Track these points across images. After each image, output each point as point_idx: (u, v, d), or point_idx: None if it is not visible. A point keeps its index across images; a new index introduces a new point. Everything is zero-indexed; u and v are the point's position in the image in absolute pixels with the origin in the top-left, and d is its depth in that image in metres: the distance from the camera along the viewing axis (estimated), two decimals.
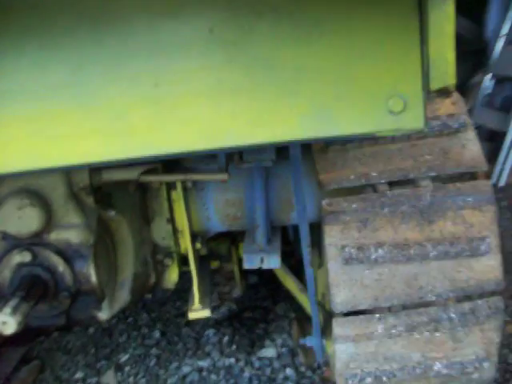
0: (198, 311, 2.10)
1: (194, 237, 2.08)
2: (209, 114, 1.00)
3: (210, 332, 3.01)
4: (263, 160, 1.88)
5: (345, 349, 1.87)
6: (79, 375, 2.86)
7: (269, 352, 2.82)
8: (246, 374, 2.71)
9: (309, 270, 1.97)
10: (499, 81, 5.31)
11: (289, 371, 2.67)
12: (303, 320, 2.83)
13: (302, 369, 2.69)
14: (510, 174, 4.93)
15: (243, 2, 0.95)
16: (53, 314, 1.74)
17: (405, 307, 1.83)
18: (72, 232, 1.68)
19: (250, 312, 3.14)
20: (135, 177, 1.76)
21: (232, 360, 2.80)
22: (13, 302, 1.52)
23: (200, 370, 2.77)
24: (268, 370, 2.71)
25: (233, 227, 2.17)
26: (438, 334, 1.83)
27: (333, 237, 1.82)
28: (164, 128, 1.00)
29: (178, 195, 1.99)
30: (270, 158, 1.89)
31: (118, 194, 1.87)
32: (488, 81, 5.32)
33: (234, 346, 2.89)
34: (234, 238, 2.62)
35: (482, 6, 4.81)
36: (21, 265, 1.67)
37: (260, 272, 2.97)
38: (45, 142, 1.02)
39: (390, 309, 1.83)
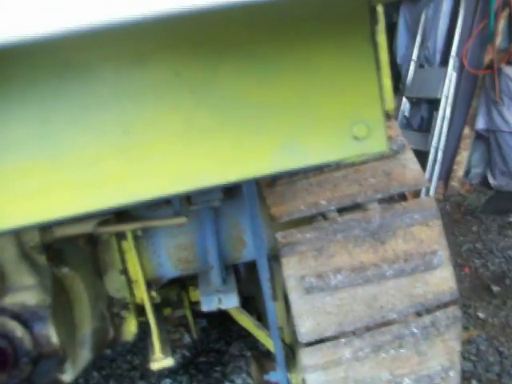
0: (161, 361, 2.06)
1: (149, 285, 2.05)
2: (180, 156, 1.00)
3: (167, 382, 2.94)
4: (211, 200, 1.88)
5: (315, 378, 1.87)
6: None
7: None
8: None
9: (270, 304, 1.97)
10: (414, 103, 5.59)
11: None
12: (260, 357, 2.82)
13: None
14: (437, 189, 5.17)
15: (207, 45, 0.96)
16: (14, 383, 1.66)
17: (368, 328, 1.86)
18: (27, 294, 1.62)
19: (205, 356, 3.10)
20: (89, 230, 1.73)
21: None
22: None
23: None
24: None
25: (186, 271, 2.16)
26: (402, 351, 1.87)
27: (291, 268, 1.84)
28: (136, 175, 1.00)
29: (128, 245, 1.96)
30: (217, 198, 1.89)
31: (68, 249, 1.82)
32: (404, 104, 5.59)
33: None
34: (183, 282, 2.59)
35: (390, 32, 5.07)
36: None
37: (208, 315, 2.95)
38: (14, 199, 0.98)
39: (354, 332, 1.86)
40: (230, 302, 2.07)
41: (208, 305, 2.06)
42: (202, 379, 2.93)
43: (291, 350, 2.27)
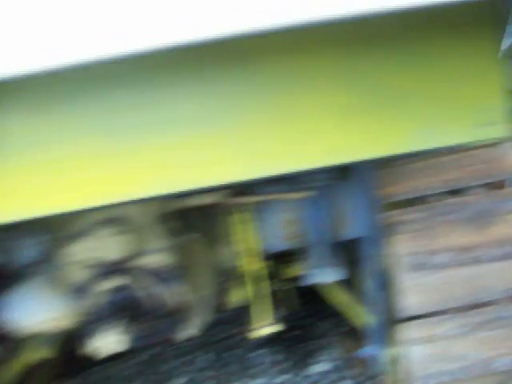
0: (260, 330, 2.20)
1: (257, 257, 2.19)
2: (333, 132, 1.16)
3: (261, 352, 3.10)
4: (324, 180, 2.00)
5: (416, 350, 1.98)
6: None
7: (321, 367, 2.91)
8: None
9: (371, 280, 2.08)
10: None
11: (345, 383, 2.75)
12: (348, 335, 2.94)
13: (358, 380, 2.76)
14: None
15: (363, 43, 1.12)
16: (144, 334, 1.84)
17: (469, 307, 1.95)
18: (159, 256, 1.80)
19: (296, 330, 3.22)
20: (218, 200, 1.89)
21: (284, 377, 2.88)
22: (115, 324, 1.62)
23: None
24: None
25: (292, 245, 2.29)
26: (502, 331, 1.95)
27: (399, 246, 1.95)
28: (294, 146, 1.15)
29: (243, 217, 2.11)
30: (330, 178, 2.01)
31: (193, 217, 1.99)
32: None
33: (286, 364, 2.98)
34: (283, 257, 2.72)
35: None
36: (112, 290, 1.78)
37: (299, 292, 3.09)
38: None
39: (455, 310, 1.95)
40: (333, 276, 2.18)
41: (314, 278, 2.19)
42: (293, 352, 3.07)
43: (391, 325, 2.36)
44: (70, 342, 3.19)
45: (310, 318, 3.31)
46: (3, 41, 0.93)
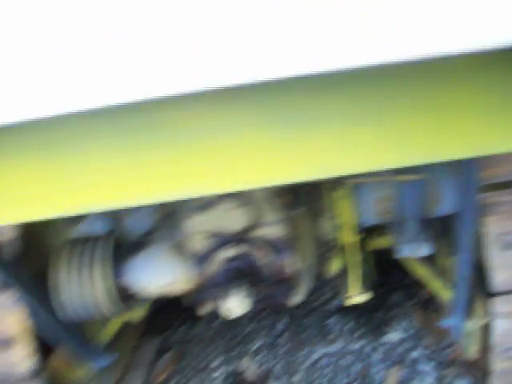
0: (356, 297, 2.32)
1: (353, 230, 2.30)
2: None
3: (332, 320, 3.22)
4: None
5: (504, 323, 2.09)
6: (217, 363, 3.09)
7: (394, 336, 3.02)
8: (377, 356, 2.91)
9: (465, 255, 2.17)
10: None
11: (416, 353, 2.87)
12: (424, 306, 3.04)
13: (431, 349, 2.87)
14: None
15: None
16: (260, 299, 1.98)
17: None
18: (274, 228, 1.91)
19: (373, 299, 3.32)
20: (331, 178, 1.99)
21: (359, 345, 3.01)
22: (235, 290, 1.75)
23: (331, 354, 2.98)
24: (396, 353, 2.91)
25: (384, 220, 2.39)
26: None
27: (491, 226, 2.04)
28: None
29: (344, 193, 2.22)
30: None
31: (302, 192, 2.11)
32: None
33: (359, 332, 3.10)
34: (375, 230, 2.81)
35: None
36: (229, 259, 1.91)
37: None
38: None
39: None
40: (425, 251, 2.28)
41: (404, 252, 2.29)
42: (366, 321, 3.18)
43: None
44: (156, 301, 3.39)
45: (387, 287, 3.41)
46: None
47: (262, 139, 1.25)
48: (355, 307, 3.20)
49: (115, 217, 2.46)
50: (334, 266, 2.29)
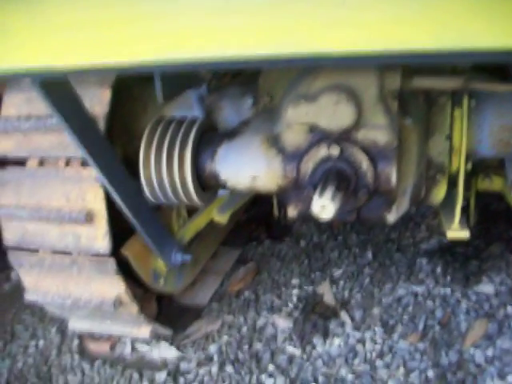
0: (457, 231, 2.12)
1: (463, 158, 2.08)
2: None
3: (423, 261, 3.05)
4: None
5: None
6: (295, 282, 3.01)
7: (486, 288, 2.81)
8: (463, 305, 2.73)
9: None
10: None
11: (510, 309, 2.66)
12: None
13: None
14: None
15: None
16: (346, 209, 1.83)
17: None
18: (379, 132, 1.74)
19: (462, 248, 3.13)
20: (456, 86, 1.78)
21: (448, 290, 2.82)
22: (330, 190, 1.60)
23: (415, 294, 2.82)
24: (486, 305, 2.71)
25: (502, 153, 2.16)
26: None
27: None
28: None
29: (461, 113, 2.00)
30: None
31: (412, 103, 1.90)
32: None
33: (449, 278, 2.91)
34: (473, 168, 2.59)
35: None
36: (326, 158, 1.76)
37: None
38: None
39: None
40: None
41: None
42: (458, 268, 2.98)
43: None
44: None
45: (487, 238, 3.19)
46: None
47: None
48: (450, 251, 3.02)
49: (213, 106, 2.37)
50: (439, 193, 2.10)
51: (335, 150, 1.73)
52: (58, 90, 1.72)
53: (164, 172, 1.92)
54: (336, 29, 1.08)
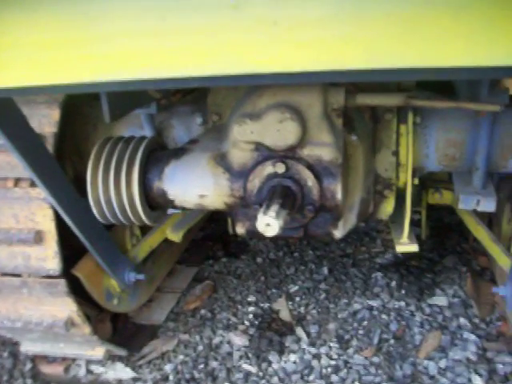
0: (406, 245, 2.15)
1: (410, 174, 2.12)
2: None
3: (378, 275, 3.08)
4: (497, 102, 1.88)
5: None
6: (251, 299, 3.01)
7: (439, 300, 2.86)
8: (417, 318, 2.76)
9: None
10: None
11: (462, 320, 2.70)
12: (475, 274, 2.85)
13: (476, 320, 2.70)
14: None
15: None
16: (293, 226, 1.84)
17: None
18: (324, 150, 1.76)
19: (416, 261, 3.17)
20: (398, 103, 1.81)
21: (402, 303, 2.86)
22: (274, 207, 1.60)
23: (370, 308, 2.85)
24: (440, 317, 2.75)
25: (448, 168, 2.20)
26: None
27: None
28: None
29: (407, 129, 2.03)
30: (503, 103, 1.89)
31: (357, 119, 1.93)
32: None
33: (403, 291, 2.95)
34: (423, 182, 2.63)
35: None
36: (272, 175, 1.77)
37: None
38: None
39: None
40: (487, 206, 2.09)
41: (466, 204, 2.11)
42: (412, 281, 3.02)
43: None
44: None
45: (440, 251, 3.24)
46: None
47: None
48: (405, 265, 3.06)
49: (165, 124, 2.38)
50: (387, 208, 2.12)
51: (280, 168, 1.74)
52: (3, 110, 1.70)
53: (111, 191, 1.91)
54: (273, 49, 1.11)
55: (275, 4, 1.07)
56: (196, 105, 2.37)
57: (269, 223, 1.56)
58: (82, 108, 2.46)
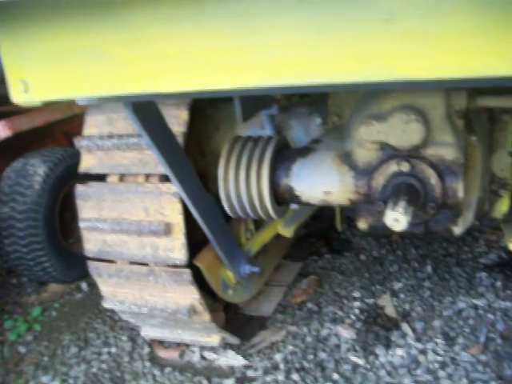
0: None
1: None
2: None
3: (482, 275, 3.10)
4: None
5: None
6: (356, 294, 3.10)
7: None
8: None
9: None
10: None
11: None
12: None
13: None
14: None
15: None
16: (415, 222, 1.92)
17: None
18: (446, 150, 1.84)
19: None
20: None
21: (508, 304, 2.87)
22: (402, 203, 1.70)
23: (475, 307, 2.88)
24: None
25: None
26: None
27: None
28: None
29: None
30: None
31: (476, 121, 2.00)
32: None
33: (509, 292, 2.96)
34: None
35: None
36: (397, 174, 1.86)
37: None
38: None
39: None
40: None
41: None
42: None
43: None
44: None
45: None
46: None
47: None
48: (509, 266, 3.07)
49: (285, 124, 2.52)
50: (502, 207, 2.17)
51: (405, 167, 1.83)
52: (147, 111, 1.88)
53: (242, 187, 2.06)
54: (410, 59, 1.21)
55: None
56: (314, 106, 2.49)
57: (397, 218, 1.65)
58: (205, 109, 2.63)
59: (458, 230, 1.95)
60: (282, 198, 2.10)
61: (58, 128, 4.15)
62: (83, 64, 1.44)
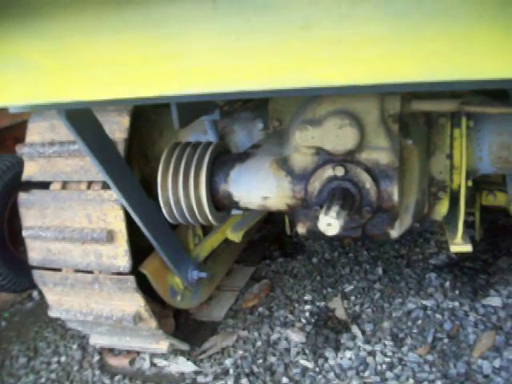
0: (460, 245, 2.22)
1: (464, 176, 2.18)
2: None
3: (432, 275, 3.13)
4: None
5: None
6: (307, 297, 3.11)
7: (494, 301, 2.89)
8: (471, 318, 2.80)
9: None
10: None
11: None
12: None
13: None
14: None
15: None
16: (351, 226, 1.94)
17: None
18: (381, 154, 1.85)
19: (470, 262, 3.22)
20: (453, 108, 1.89)
21: (456, 303, 2.91)
22: (335, 208, 1.71)
23: (424, 308, 2.91)
24: (494, 318, 2.78)
25: (502, 170, 2.25)
26: None
27: None
28: None
29: (460, 132, 2.10)
30: None
31: (413, 124, 2.02)
32: None
33: (457, 292, 2.99)
34: (477, 184, 2.69)
35: None
36: (332, 178, 1.87)
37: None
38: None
39: None
40: None
41: None
42: (466, 282, 3.06)
43: None
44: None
45: (495, 252, 3.28)
46: None
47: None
48: (458, 266, 3.11)
49: (228, 129, 2.51)
50: (441, 209, 2.20)
51: (340, 171, 1.84)
52: (83, 119, 1.85)
53: (181, 193, 2.04)
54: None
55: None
56: (257, 111, 2.49)
57: (330, 223, 1.66)
58: (149, 115, 2.61)
59: (394, 233, 1.97)
60: (221, 203, 2.09)
61: (9, 134, 4.08)
62: (11, 72, 1.42)
